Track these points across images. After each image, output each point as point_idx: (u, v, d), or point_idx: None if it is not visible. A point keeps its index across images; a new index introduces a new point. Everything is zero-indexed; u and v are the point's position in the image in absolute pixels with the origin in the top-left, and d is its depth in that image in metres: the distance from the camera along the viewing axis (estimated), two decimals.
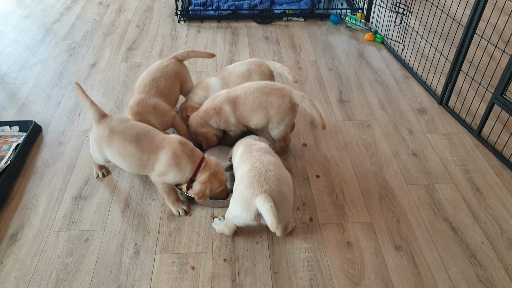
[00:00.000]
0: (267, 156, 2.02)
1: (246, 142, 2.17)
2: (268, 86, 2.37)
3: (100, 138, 2.13)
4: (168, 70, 2.61)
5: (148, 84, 2.51)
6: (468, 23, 2.66)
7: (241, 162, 2.04)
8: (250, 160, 1.99)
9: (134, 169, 2.15)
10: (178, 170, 2.09)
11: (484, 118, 2.67)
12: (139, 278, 1.95)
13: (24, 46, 3.74)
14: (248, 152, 2.06)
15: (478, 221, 2.22)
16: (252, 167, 1.94)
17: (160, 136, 2.14)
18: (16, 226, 2.19)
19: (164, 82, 2.56)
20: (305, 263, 2.01)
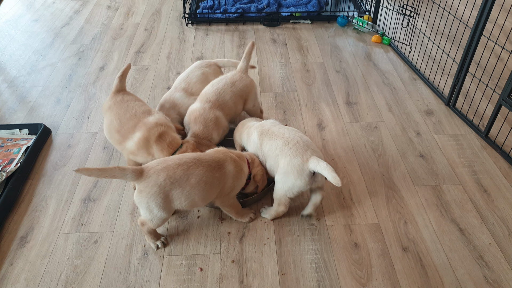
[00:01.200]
0: (285, 127, 2.20)
1: (253, 125, 2.32)
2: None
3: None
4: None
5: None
6: (475, 25, 2.66)
7: (266, 141, 2.17)
8: (278, 135, 2.13)
9: (207, 197, 2.04)
10: (243, 173, 2.14)
11: (492, 119, 2.66)
12: (148, 279, 1.97)
13: (34, 49, 3.79)
14: (266, 131, 2.21)
15: (486, 222, 2.22)
16: (286, 140, 2.08)
17: (213, 152, 2.12)
18: (26, 228, 2.21)
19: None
20: (313, 265, 2.02)
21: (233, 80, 2.56)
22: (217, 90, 2.50)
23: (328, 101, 3.10)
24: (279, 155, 2.07)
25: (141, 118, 2.24)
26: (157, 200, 1.90)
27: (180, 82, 2.72)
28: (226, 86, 2.53)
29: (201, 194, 1.97)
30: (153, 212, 1.94)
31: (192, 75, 2.71)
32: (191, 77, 2.70)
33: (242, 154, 2.20)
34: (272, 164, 2.13)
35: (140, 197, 1.90)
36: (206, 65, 2.76)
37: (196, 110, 2.45)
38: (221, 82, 2.54)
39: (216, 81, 2.57)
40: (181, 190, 1.92)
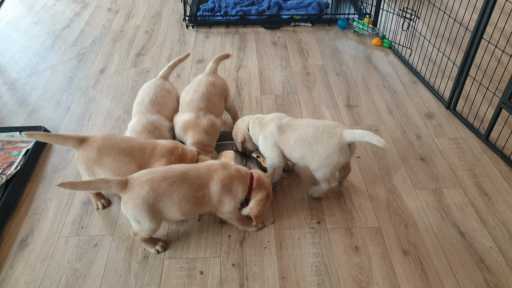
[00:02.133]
0: (301, 119, 2.28)
1: (265, 118, 2.32)
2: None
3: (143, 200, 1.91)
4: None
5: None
6: (475, 28, 2.66)
7: (291, 133, 2.20)
8: (303, 125, 2.20)
9: (191, 212, 2.01)
10: (231, 195, 2.01)
11: (492, 122, 2.66)
12: (148, 283, 1.97)
13: (34, 52, 3.79)
14: (287, 124, 2.24)
15: (486, 225, 2.22)
16: (314, 127, 2.16)
17: (203, 167, 2.01)
18: (26, 231, 2.21)
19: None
20: (313, 268, 2.02)
21: (211, 81, 2.57)
22: (204, 95, 2.49)
23: (328, 104, 3.10)
24: (313, 143, 2.15)
25: (153, 144, 2.18)
26: (141, 212, 1.88)
27: (147, 105, 2.48)
28: (210, 89, 2.53)
29: (184, 211, 1.95)
30: (141, 223, 1.93)
31: (158, 96, 2.54)
32: (158, 99, 2.52)
33: (245, 174, 2.05)
34: (305, 153, 2.18)
35: (125, 208, 1.90)
36: (161, 83, 2.61)
37: (191, 120, 2.41)
38: (202, 86, 2.53)
39: (196, 87, 2.54)
40: (164, 204, 1.90)
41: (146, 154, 2.11)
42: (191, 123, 2.41)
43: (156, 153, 2.12)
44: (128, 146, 2.09)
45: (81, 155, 2.07)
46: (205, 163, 2.05)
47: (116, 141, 2.09)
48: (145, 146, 2.13)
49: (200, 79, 2.60)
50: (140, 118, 2.43)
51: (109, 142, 2.08)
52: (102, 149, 2.06)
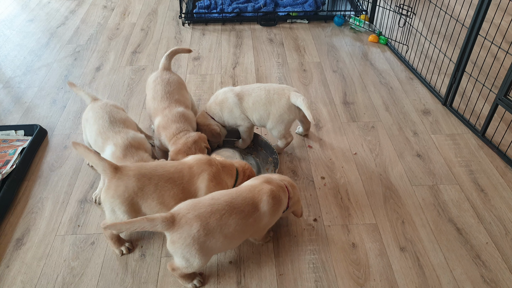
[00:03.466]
0: (253, 84, 2.56)
1: (221, 92, 2.55)
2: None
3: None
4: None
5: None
6: (471, 24, 2.66)
7: (247, 98, 2.49)
8: (255, 89, 2.50)
9: (242, 239, 1.93)
10: (281, 208, 1.97)
11: (488, 119, 2.67)
12: (145, 281, 1.96)
13: (29, 50, 3.77)
14: (241, 90, 2.52)
15: (483, 221, 2.22)
16: (266, 89, 2.48)
17: (246, 191, 1.89)
18: (22, 230, 2.20)
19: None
20: (310, 265, 2.02)
21: (166, 80, 2.51)
22: (163, 97, 2.43)
23: (325, 100, 3.10)
24: (267, 104, 2.45)
25: (186, 163, 2.03)
26: (192, 251, 1.74)
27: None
28: (167, 88, 2.47)
29: (236, 242, 1.87)
30: (190, 261, 1.78)
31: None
32: (127, 121, 2.37)
33: (282, 183, 1.98)
34: (262, 114, 2.47)
35: (174, 247, 1.74)
36: (112, 105, 2.41)
37: (161, 122, 2.37)
38: (159, 90, 2.46)
39: (154, 93, 2.47)
40: (216, 240, 1.76)
41: (185, 175, 1.95)
42: (162, 124, 2.36)
43: (195, 170, 1.97)
44: (165, 171, 1.93)
45: (116, 185, 1.85)
46: (250, 181, 1.96)
47: (151, 168, 1.93)
48: (180, 167, 1.97)
49: (154, 80, 2.53)
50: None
51: (145, 170, 1.90)
52: (141, 177, 1.88)
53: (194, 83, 3.29)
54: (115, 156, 2.12)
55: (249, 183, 1.95)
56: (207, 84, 3.27)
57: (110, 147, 2.16)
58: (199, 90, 3.21)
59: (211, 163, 2.01)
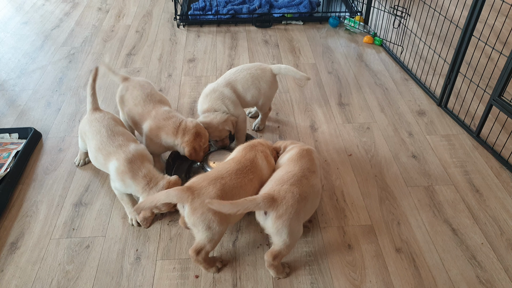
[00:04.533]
0: (226, 74, 2.67)
1: (213, 96, 2.55)
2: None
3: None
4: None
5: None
6: (465, 25, 2.67)
7: (235, 85, 2.59)
8: (236, 73, 2.63)
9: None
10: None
11: (483, 119, 2.68)
12: (141, 284, 1.95)
13: (23, 52, 3.75)
14: (227, 83, 2.58)
15: (478, 222, 2.23)
16: (245, 70, 2.63)
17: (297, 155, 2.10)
18: (16, 233, 2.19)
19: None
20: (306, 267, 2.01)
21: (136, 86, 2.51)
22: (145, 101, 2.45)
23: (320, 102, 3.10)
24: (255, 81, 2.59)
25: (245, 155, 2.12)
26: (297, 221, 1.86)
27: (118, 141, 2.22)
28: (146, 92, 2.49)
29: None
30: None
31: (123, 131, 2.38)
32: (126, 133, 2.33)
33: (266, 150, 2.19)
34: (254, 92, 2.60)
35: (281, 224, 1.81)
36: (110, 118, 2.37)
37: (153, 124, 2.38)
38: (138, 98, 2.46)
39: (133, 103, 2.47)
40: (305, 203, 1.89)
41: (252, 166, 2.03)
42: (156, 126, 2.36)
43: (249, 155, 2.07)
44: (230, 169, 1.98)
45: (201, 203, 1.83)
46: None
47: (216, 172, 1.95)
48: (243, 161, 2.03)
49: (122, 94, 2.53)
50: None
51: (213, 176, 1.93)
52: (215, 183, 1.90)
53: (189, 85, 3.29)
54: (120, 172, 2.10)
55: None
56: (202, 86, 3.26)
57: (113, 162, 2.13)
58: (194, 92, 3.20)
59: (254, 145, 2.16)
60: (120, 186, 2.13)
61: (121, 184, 2.11)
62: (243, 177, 1.97)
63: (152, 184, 2.08)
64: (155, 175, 2.12)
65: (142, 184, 2.07)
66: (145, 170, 2.11)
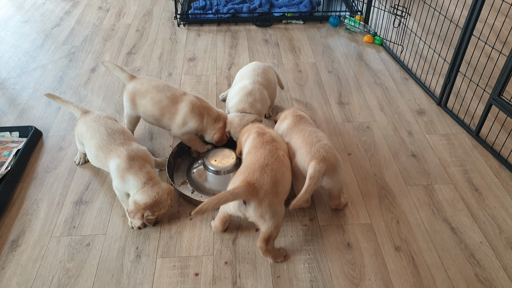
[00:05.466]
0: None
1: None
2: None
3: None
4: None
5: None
6: (465, 24, 2.68)
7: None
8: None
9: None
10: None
11: (482, 118, 2.68)
12: (141, 282, 1.96)
13: (24, 51, 3.76)
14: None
15: (477, 221, 2.23)
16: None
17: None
18: (17, 231, 2.20)
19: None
20: (306, 265, 2.02)
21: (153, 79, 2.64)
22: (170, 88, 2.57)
23: (320, 101, 3.10)
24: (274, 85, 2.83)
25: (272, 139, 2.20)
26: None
27: (119, 139, 2.24)
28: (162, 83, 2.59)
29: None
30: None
31: (122, 129, 2.39)
32: (125, 131, 2.35)
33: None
34: (274, 91, 2.84)
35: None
36: (105, 117, 2.39)
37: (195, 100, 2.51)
38: (160, 85, 2.55)
39: (157, 88, 2.55)
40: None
41: (274, 144, 2.11)
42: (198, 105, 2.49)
43: (273, 135, 2.19)
44: (269, 153, 2.03)
45: (262, 196, 1.89)
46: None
47: (263, 163, 1.98)
48: (265, 143, 2.10)
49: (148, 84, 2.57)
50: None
51: (269, 169, 1.96)
52: (275, 178, 1.95)
53: (189, 83, 3.29)
54: (121, 168, 2.11)
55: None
56: (202, 85, 3.27)
57: (115, 160, 2.14)
58: (194, 90, 3.21)
59: (259, 127, 2.25)
60: (118, 183, 2.13)
61: (120, 181, 2.11)
62: (277, 156, 2.02)
63: (151, 183, 2.09)
64: (155, 176, 2.14)
65: (142, 180, 2.08)
66: (146, 169, 2.13)
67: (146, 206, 2.06)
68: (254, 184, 1.87)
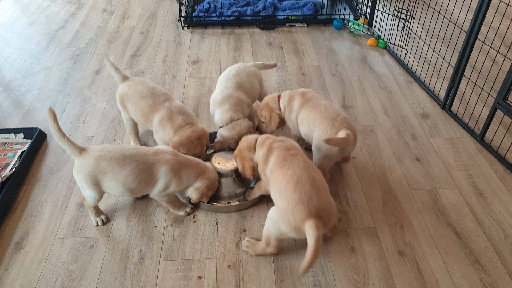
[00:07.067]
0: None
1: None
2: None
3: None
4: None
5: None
6: (470, 28, 2.67)
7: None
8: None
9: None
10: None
11: (487, 122, 2.67)
12: (144, 284, 1.96)
13: (29, 53, 3.77)
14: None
15: (482, 226, 2.22)
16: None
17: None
18: (21, 233, 2.20)
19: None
20: (309, 269, 2.02)
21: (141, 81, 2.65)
22: (153, 95, 2.53)
23: None
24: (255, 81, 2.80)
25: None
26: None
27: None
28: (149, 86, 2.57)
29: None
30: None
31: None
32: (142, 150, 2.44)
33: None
34: (257, 88, 2.82)
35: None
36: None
37: (164, 113, 2.46)
38: (144, 90, 2.52)
39: (140, 95, 2.53)
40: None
41: (298, 156, 2.06)
42: (166, 116, 2.44)
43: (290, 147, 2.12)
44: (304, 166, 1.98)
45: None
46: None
47: (309, 176, 1.94)
48: (300, 157, 2.05)
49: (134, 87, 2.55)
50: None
51: (316, 182, 1.94)
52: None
53: (193, 86, 3.30)
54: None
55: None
56: (206, 88, 3.27)
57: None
58: (198, 93, 3.21)
59: (274, 140, 2.15)
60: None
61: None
62: (305, 160, 2.00)
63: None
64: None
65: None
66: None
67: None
68: (320, 215, 1.84)
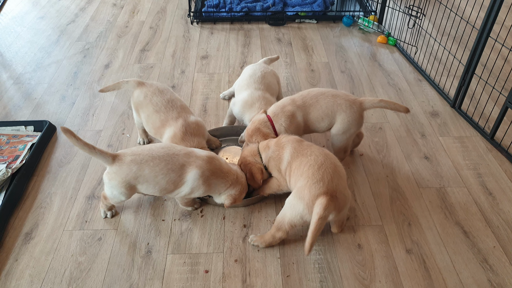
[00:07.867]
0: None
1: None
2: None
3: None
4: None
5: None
6: (482, 26, 2.65)
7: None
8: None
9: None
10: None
11: (498, 122, 2.65)
12: (151, 277, 1.97)
13: (39, 46, 3.80)
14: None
15: (490, 225, 2.21)
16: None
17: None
18: (30, 224, 2.22)
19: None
20: (316, 265, 2.02)
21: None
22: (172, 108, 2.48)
23: None
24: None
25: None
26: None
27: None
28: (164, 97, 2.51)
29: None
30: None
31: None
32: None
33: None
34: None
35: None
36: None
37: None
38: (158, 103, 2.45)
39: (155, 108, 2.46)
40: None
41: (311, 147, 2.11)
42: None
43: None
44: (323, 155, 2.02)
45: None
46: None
47: (331, 166, 1.98)
48: (307, 150, 2.08)
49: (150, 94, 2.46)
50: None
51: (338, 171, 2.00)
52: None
53: (201, 81, 3.30)
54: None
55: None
56: (214, 83, 3.28)
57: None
58: (207, 89, 3.22)
59: (286, 139, 2.18)
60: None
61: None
62: (328, 153, 2.05)
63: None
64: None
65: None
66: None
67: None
68: (336, 196, 1.89)
